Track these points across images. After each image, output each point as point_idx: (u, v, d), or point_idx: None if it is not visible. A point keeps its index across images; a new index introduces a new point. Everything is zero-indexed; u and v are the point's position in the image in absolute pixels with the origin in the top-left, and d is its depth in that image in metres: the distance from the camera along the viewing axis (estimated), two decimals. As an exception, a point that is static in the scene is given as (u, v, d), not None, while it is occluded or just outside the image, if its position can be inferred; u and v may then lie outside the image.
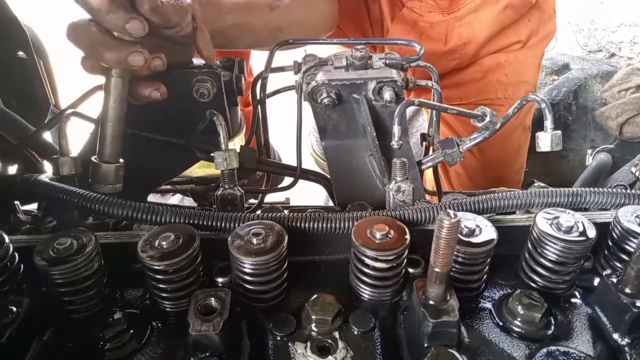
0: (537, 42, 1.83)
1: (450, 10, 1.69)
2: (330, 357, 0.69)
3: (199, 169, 1.40)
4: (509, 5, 1.68)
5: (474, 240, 0.76)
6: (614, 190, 0.86)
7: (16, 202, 1.04)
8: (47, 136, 1.22)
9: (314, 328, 0.72)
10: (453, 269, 0.76)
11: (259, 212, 0.85)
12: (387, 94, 0.99)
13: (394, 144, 0.94)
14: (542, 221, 0.78)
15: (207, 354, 0.66)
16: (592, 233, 0.76)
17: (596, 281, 0.81)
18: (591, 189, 0.86)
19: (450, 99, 1.83)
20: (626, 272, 0.71)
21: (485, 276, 0.80)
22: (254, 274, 0.74)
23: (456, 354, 0.66)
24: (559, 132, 0.93)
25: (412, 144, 1.54)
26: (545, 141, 0.94)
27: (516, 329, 0.73)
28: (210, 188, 1.35)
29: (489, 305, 0.79)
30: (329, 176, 1.16)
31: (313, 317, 0.72)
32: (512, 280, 0.83)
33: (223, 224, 0.81)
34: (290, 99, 1.18)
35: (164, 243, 0.73)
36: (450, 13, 1.69)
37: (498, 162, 1.89)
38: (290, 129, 1.21)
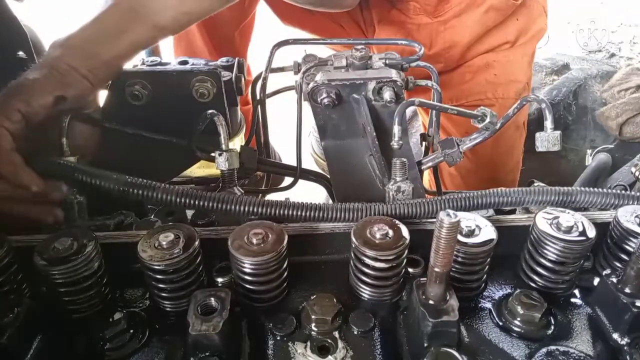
0: (527, 40, 1.80)
1: (437, 13, 1.69)
2: (330, 356, 0.69)
3: (199, 169, 1.40)
4: (491, 7, 1.66)
5: (473, 240, 0.76)
6: (611, 190, 0.86)
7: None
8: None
9: (313, 328, 0.72)
10: (453, 269, 0.76)
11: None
12: (387, 94, 0.99)
13: (394, 144, 0.94)
14: (542, 221, 0.78)
15: (207, 353, 0.66)
16: (591, 233, 0.76)
17: (596, 281, 0.81)
18: (585, 188, 0.85)
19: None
20: (626, 272, 0.71)
21: (485, 276, 0.80)
22: (254, 273, 0.74)
23: (456, 353, 0.66)
24: (558, 132, 0.94)
25: (412, 144, 1.54)
26: (544, 141, 0.94)
27: (516, 328, 0.73)
28: (210, 188, 1.35)
29: (488, 305, 0.79)
30: (328, 176, 1.16)
31: (313, 317, 0.72)
32: (512, 280, 0.83)
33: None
34: (290, 99, 1.18)
35: (164, 243, 0.73)
36: (436, 17, 1.69)
37: (491, 162, 1.87)
38: (290, 129, 1.21)
